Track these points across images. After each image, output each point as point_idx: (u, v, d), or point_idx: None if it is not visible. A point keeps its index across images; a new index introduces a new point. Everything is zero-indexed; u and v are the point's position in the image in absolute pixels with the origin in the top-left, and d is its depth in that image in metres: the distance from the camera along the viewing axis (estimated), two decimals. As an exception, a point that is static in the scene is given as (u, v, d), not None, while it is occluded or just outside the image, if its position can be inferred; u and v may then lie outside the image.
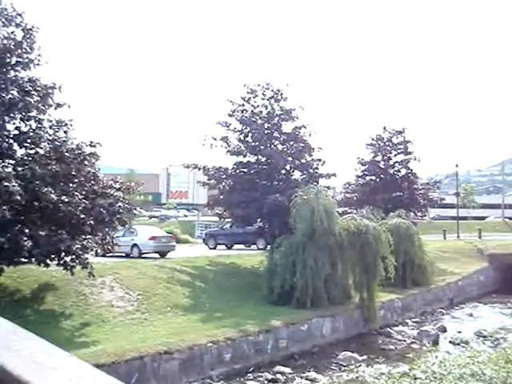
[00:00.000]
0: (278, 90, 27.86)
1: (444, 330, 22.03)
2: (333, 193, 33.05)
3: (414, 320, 24.25)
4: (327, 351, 18.54)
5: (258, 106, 27.94)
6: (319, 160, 28.18)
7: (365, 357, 17.75)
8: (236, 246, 32.91)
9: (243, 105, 27.75)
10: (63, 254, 15.62)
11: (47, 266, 15.97)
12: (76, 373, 1.44)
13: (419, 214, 39.04)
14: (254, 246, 31.96)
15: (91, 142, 16.95)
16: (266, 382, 15.48)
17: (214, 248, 32.78)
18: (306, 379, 15.74)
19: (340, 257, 21.88)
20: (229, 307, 19.71)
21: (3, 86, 16.07)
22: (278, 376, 15.81)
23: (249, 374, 15.89)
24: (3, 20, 16.32)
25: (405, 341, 20.55)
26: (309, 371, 16.35)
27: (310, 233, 21.10)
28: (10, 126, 16.64)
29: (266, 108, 27.94)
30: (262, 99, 27.99)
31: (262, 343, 17.06)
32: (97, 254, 17.53)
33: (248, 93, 27.81)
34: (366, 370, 15.95)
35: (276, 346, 17.50)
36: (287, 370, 16.34)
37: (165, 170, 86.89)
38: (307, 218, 21.15)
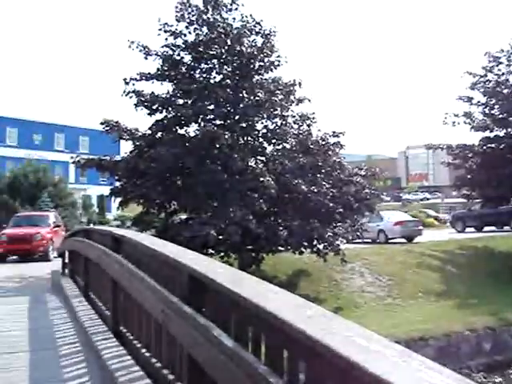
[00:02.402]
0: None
1: None
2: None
3: None
4: None
5: (502, 74, 25.67)
6: None
7: None
8: (486, 228, 30.82)
9: (485, 75, 25.74)
10: (316, 241, 16.37)
11: (301, 253, 16.92)
12: (405, 358, 1.50)
13: None
14: (507, 228, 29.54)
15: (334, 132, 17.47)
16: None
17: (463, 231, 31.17)
18: None
19: None
20: (485, 294, 18.51)
21: (251, 89, 17.42)
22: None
23: (513, 368, 14.76)
24: (246, 31, 17.64)
25: None
26: None
27: None
28: (258, 126, 17.99)
29: (513, 75, 25.53)
30: (508, 65, 25.61)
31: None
32: (347, 241, 18.00)
33: (490, 61, 25.73)
34: None
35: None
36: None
37: (402, 154, 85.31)
38: None
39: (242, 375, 2.07)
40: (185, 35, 17.56)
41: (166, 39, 17.46)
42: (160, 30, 17.30)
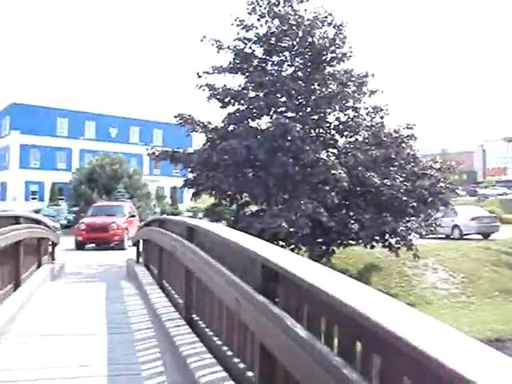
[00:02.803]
0: None
1: None
2: None
3: None
4: None
5: None
6: None
7: None
8: None
9: None
10: (388, 235, 16.09)
11: (373, 247, 16.67)
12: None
13: None
14: None
15: (408, 125, 17.07)
16: None
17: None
18: None
19: None
20: None
21: (323, 81, 17.28)
22: None
23: None
24: (317, 22, 17.49)
25: None
26: None
27: None
28: (330, 118, 17.83)
29: None
30: None
31: None
32: (421, 236, 17.58)
33: None
34: None
35: None
36: None
37: (479, 147, 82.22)
38: None
39: (316, 366, 2.05)
40: (256, 28, 17.62)
41: (238, 33, 17.59)
42: (232, 24, 17.43)
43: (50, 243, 12.37)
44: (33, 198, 53.18)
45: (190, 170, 17.97)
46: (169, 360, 4.73)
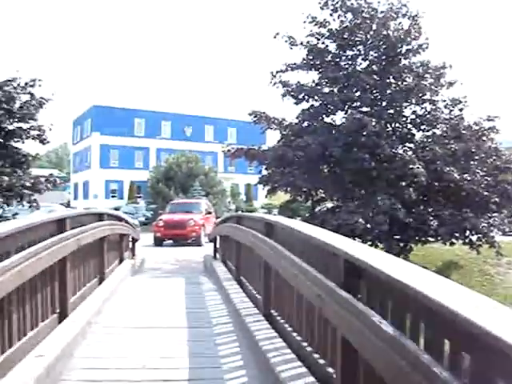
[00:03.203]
0: None
1: None
2: None
3: None
4: None
5: None
6: None
7: None
8: None
9: None
10: (468, 232, 15.53)
11: (452, 244, 16.14)
12: None
13: None
14: None
15: (489, 117, 16.39)
16: None
17: None
18: None
19: None
20: None
21: (398, 74, 16.89)
22: None
23: None
24: (392, 14, 17.10)
25: None
26: None
27: None
28: (407, 112, 17.40)
29: None
30: None
31: None
32: (504, 233, 16.83)
33: None
34: None
35: None
36: None
37: None
38: None
39: (404, 363, 2.02)
40: (329, 23, 17.44)
41: (311, 30, 17.47)
42: (304, 22, 17.32)
43: (131, 239, 12.81)
44: (112, 196, 55.29)
45: (264, 167, 18.06)
46: (248, 354, 4.79)
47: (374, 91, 17.05)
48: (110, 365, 4.54)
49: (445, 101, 17.25)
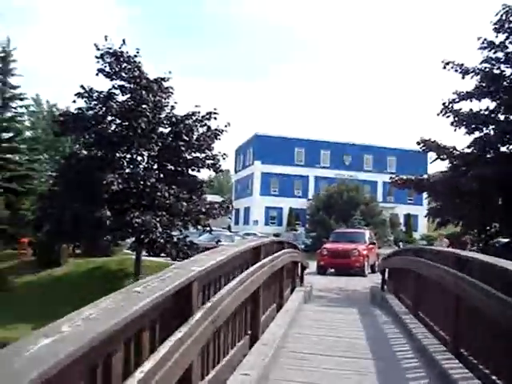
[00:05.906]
0: None
1: None
2: None
3: None
4: None
5: None
6: None
7: None
8: None
9: None
10: None
11: None
12: None
13: None
14: None
15: None
16: None
17: None
18: None
19: None
20: None
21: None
22: None
23: None
24: None
25: None
26: None
27: None
28: None
29: None
30: None
31: None
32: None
33: None
34: None
35: None
36: None
37: None
38: None
39: None
40: (506, 47, 16.58)
41: (486, 56, 16.70)
42: (480, 48, 16.62)
43: (300, 266, 13.11)
44: (272, 223, 57.01)
45: (427, 197, 17.48)
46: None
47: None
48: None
49: None
